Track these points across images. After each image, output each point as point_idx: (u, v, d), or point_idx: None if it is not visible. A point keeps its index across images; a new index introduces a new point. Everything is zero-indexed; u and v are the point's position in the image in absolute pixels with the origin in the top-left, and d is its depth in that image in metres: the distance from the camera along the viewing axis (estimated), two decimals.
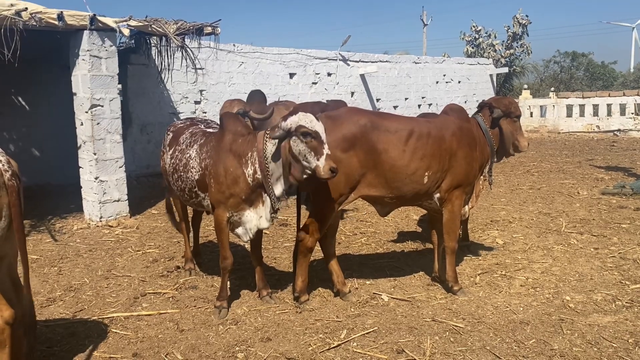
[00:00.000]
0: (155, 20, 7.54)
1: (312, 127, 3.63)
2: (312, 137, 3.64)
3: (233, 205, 4.00)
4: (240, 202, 4.00)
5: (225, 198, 3.99)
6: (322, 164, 3.61)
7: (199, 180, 4.19)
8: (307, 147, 3.65)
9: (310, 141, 3.64)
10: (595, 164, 11.88)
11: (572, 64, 31.92)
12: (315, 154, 3.64)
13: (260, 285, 4.49)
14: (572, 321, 3.93)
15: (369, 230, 6.70)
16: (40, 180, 9.58)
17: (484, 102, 4.79)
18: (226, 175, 3.95)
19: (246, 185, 3.93)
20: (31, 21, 6.26)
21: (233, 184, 3.94)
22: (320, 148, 3.64)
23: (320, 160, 3.62)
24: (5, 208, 2.75)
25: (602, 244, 5.85)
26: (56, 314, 4.27)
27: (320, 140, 3.65)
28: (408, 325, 3.94)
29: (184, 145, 4.40)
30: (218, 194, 4.01)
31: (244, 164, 3.92)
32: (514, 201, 8.21)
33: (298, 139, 3.66)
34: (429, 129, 4.20)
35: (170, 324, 4.06)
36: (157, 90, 10.38)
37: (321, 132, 3.66)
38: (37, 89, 9.78)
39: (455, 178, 4.30)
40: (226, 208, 4.02)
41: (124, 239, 6.47)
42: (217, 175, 3.99)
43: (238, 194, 3.96)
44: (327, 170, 3.60)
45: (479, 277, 4.94)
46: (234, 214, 4.05)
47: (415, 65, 16.28)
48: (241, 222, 4.09)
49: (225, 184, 3.95)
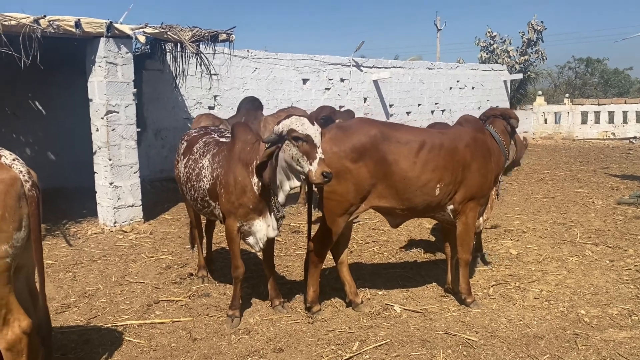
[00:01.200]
0: (170, 27, 7.61)
1: (303, 131, 3.57)
2: (304, 141, 3.58)
3: (242, 214, 4.02)
4: (249, 212, 4.00)
5: (234, 207, 4.00)
6: (314, 169, 3.54)
7: (210, 189, 4.21)
8: (299, 151, 3.60)
9: (302, 145, 3.58)
10: (611, 172, 11.75)
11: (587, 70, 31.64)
12: (308, 158, 3.57)
13: (272, 294, 4.49)
14: (587, 336, 3.89)
15: (381, 238, 6.69)
16: (55, 183, 9.66)
17: (489, 113, 4.77)
18: (235, 184, 3.97)
19: (253, 194, 3.93)
20: (49, 28, 6.34)
21: (241, 194, 3.95)
22: (313, 152, 3.57)
23: (313, 164, 3.55)
24: (25, 218, 2.78)
25: (617, 256, 5.79)
26: (70, 321, 4.31)
27: (313, 144, 3.58)
28: (421, 338, 3.92)
29: (197, 154, 4.43)
30: (228, 204, 4.03)
31: (251, 172, 3.92)
32: (527, 210, 8.15)
33: (290, 143, 3.62)
34: (442, 141, 4.19)
35: (183, 333, 4.07)
36: (172, 95, 10.46)
37: (314, 136, 3.59)
38: (53, 94, 9.88)
39: (469, 190, 4.28)
40: (236, 217, 4.03)
41: (138, 245, 6.51)
42: (227, 184, 4.01)
43: (246, 203, 3.97)
44: (318, 174, 3.52)
45: (493, 289, 4.91)
46: (244, 223, 4.06)
47: (429, 71, 16.24)
48: (251, 232, 4.10)
49: (235, 193, 3.97)
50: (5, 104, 9.73)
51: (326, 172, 3.52)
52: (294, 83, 12.67)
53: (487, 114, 4.78)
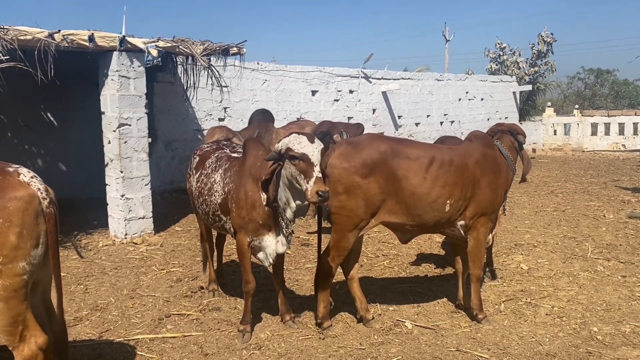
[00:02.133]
0: (182, 41, 7.68)
1: (299, 150, 3.58)
2: (300, 159, 3.58)
3: (252, 230, 4.04)
4: (258, 227, 4.02)
5: (245, 222, 4.03)
6: (310, 187, 3.52)
7: (221, 204, 4.25)
8: (296, 169, 3.60)
9: (298, 163, 3.59)
10: (622, 185, 11.69)
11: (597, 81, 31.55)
12: (305, 176, 3.57)
13: (282, 309, 4.49)
14: (600, 354, 3.87)
15: (392, 252, 6.68)
16: (66, 194, 9.68)
17: (497, 128, 4.80)
18: (246, 199, 4.00)
19: (263, 210, 3.95)
20: (63, 43, 6.43)
21: (252, 209, 3.98)
22: (310, 170, 3.55)
23: (309, 183, 3.53)
24: (43, 235, 2.82)
25: (629, 272, 5.75)
26: (83, 334, 4.34)
27: (310, 163, 3.56)
28: (432, 355, 3.92)
29: (209, 169, 4.47)
30: (238, 219, 4.06)
31: (260, 188, 3.94)
32: (538, 224, 8.12)
33: (289, 161, 3.64)
34: (452, 157, 4.20)
35: (194, 347, 4.09)
36: (182, 107, 10.54)
37: (311, 154, 3.57)
38: (65, 106, 9.98)
39: (479, 206, 4.28)
40: (247, 232, 4.06)
41: (149, 257, 6.55)
42: (238, 199, 4.04)
43: (256, 218, 3.99)
44: (313, 193, 3.50)
45: (504, 305, 4.89)
46: (254, 238, 4.08)
47: (438, 82, 16.27)
48: (261, 247, 4.11)
49: (245, 208, 4.00)
50: (18, 116, 9.85)
51: (321, 192, 3.48)
52: (303, 95, 12.73)
53: (494, 130, 4.80)
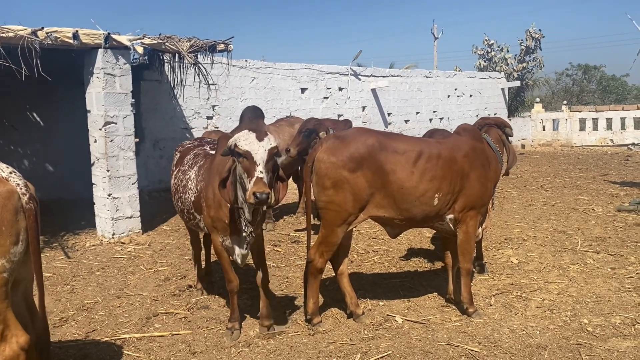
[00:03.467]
0: (168, 38, 7.61)
1: (243, 147, 3.46)
2: (244, 157, 3.47)
3: (221, 229, 3.95)
4: (226, 227, 3.92)
5: (213, 222, 3.96)
6: (249, 187, 3.40)
7: (195, 202, 4.19)
8: (241, 167, 3.51)
9: (242, 161, 3.49)
10: (610, 179, 11.74)
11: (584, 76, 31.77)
12: (248, 175, 3.46)
13: (263, 312, 4.24)
14: (591, 346, 3.85)
15: (382, 248, 6.65)
16: (53, 195, 9.63)
17: (484, 122, 4.79)
18: (214, 198, 3.92)
19: (228, 209, 3.86)
20: (47, 40, 6.34)
21: (218, 208, 3.90)
22: (252, 170, 3.43)
23: (250, 183, 3.42)
24: (23, 232, 2.75)
25: (619, 264, 5.76)
26: (69, 335, 4.27)
27: (252, 161, 3.44)
28: (423, 349, 3.88)
29: (186, 166, 4.41)
30: (208, 218, 4.00)
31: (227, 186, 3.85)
32: (527, 218, 8.12)
33: (237, 159, 3.54)
34: (440, 150, 4.16)
35: (182, 346, 4.03)
36: (170, 105, 10.45)
37: (254, 152, 3.45)
38: (51, 106, 9.87)
39: (469, 199, 4.25)
40: (217, 232, 3.98)
41: (136, 257, 6.47)
42: (207, 198, 3.98)
43: (222, 218, 3.89)
44: (250, 194, 3.37)
45: (494, 298, 4.87)
46: (224, 238, 3.99)
47: (427, 79, 16.28)
48: (231, 247, 4.00)
49: (213, 207, 3.92)
50: (3, 116, 9.71)
51: (258, 193, 3.34)
52: (292, 92, 12.68)
53: (481, 123, 4.79)
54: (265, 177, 3.47)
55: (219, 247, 4.06)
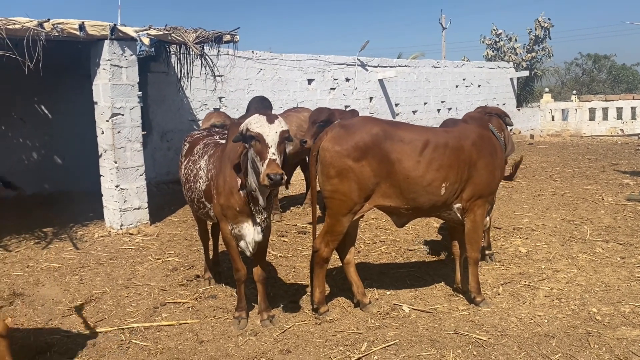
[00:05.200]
0: (174, 29, 7.59)
1: (255, 129, 3.47)
2: (256, 140, 3.48)
3: (231, 217, 3.94)
4: (236, 214, 3.91)
5: (224, 209, 3.95)
6: (263, 170, 3.41)
7: (205, 190, 4.18)
8: (254, 150, 3.51)
9: (255, 144, 3.50)
10: (620, 168, 11.64)
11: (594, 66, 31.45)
12: (260, 158, 3.46)
13: (262, 306, 4.22)
14: (600, 334, 3.83)
15: (389, 238, 6.63)
16: (62, 187, 9.69)
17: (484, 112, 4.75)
18: (224, 185, 3.91)
19: (239, 196, 3.85)
20: (53, 32, 6.33)
21: (229, 195, 3.89)
22: (264, 152, 3.44)
23: (264, 165, 3.43)
24: None
25: (628, 253, 5.71)
26: (77, 324, 4.29)
27: (265, 144, 3.45)
28: (430, 338, 3.87)
29: (197, 155, 4.40)
30: (218, 206, 3.99)
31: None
32: (536, 208, 8.07)
33: (248, 142, 3.54)
34: (447, 139, 4.13)
35: (189, 335, 4.04)
36: (177, 97, 10.45)
37: (266, 135, 3.46)
38: (59, 98, 9.88)
39: (476, 188, 4.22)
40: (227, 220, 3.98)
41: (144, 247, 6.49)
42: (218, 186, 3.97)
43: (233, 205, 3.89)
44: (264, 176, 3.39)
45: (502, 288, 4.85)
46: (234, 226, 3.98)
47: (435, 69, 16.17)
48: (241, 235, 4.00)
49: (224, 194, 3.91)
50: (12, 109, 9.75)
51: (272, 175, 3.36)
52: (299, 83, 12.64)
53: (482, 112, 4.75)
54: (278, 159, 3.50)
55: (228, 236, 4.06)
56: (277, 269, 5.62)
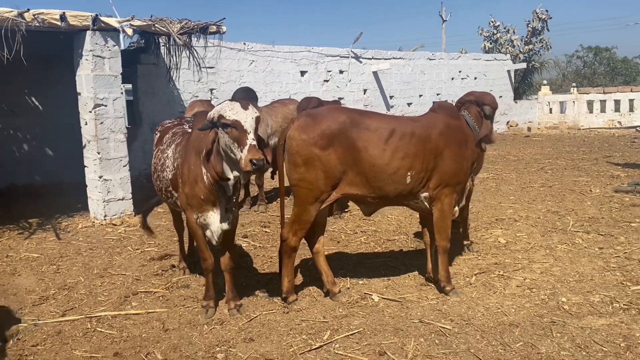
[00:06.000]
0: (160, 20, 7.58)
1: (231, 117, 3.47)
2: (233, 127, 3.47)
3: (196, 206, 3.94)
4: (201, 203, 3.91)
5: (189, 198, 3.95)
6: (243, 156, 3.41)
7: (172, 179, 4.18)
8: (229, 137, 3.50)
9: (231, 131, 3.48)
10: (613, 160, 11.58)
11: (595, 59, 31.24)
12: (239, 145, 3.46)
13: (229, 295, 4.21)
14: (564, 324, 3.81)
15: (370, 229, 6.63)
16: (53, 179, 9.71)
17: (464, 98, 4.68)
18: (189, 174, 3.90)
19: (204, 185, 3.84)
20: (34, 22, 6.34)
21: (194, 184, 3.88)
22: (243, 138, 3.44)
23: (243, 151, 3.42)
24: None
25: (607, 244, 5.68)
26: (47, 313, 4.31)
27: (243, 130, 3.45)
28: (394, 326, 3.87)
29: (165, 145, 4.40)
30: (183, 195, 3.98)
31: (202, 162, 3.84)
32: (522, 199, 8.04)
33: (222, 130, 3.53)
34: (413, 128, 4.11)
35: (156, 323, 4.05)
36: (167, 89, 10.45)
37: (243, 121, 3.46)
38: (50, 89, 9.89)
39: (443, 177, 4.20)
40: (192, 209, 3.97)
41: (126, 238, 6.51)
42: (183, 174, 3.96)
43: (198, 194, 3.88)
44: (247, 162, 3.39)
45: (475, 277, 4.83)
46: (199, 215, 3.97)
47: (430, 61, 16.11)
48: (207, 224, 3.99)
49: (188, 183, 3.91)
50: (1, 100, 9.78)
51: (255, 160, 3.37)
52: (291, 75, 12.62)
53: (463, 100, 4.69)
54: (256, 144, 3.50)
55: (194, 225, 4.05)
56: (254, 259, 5.63)
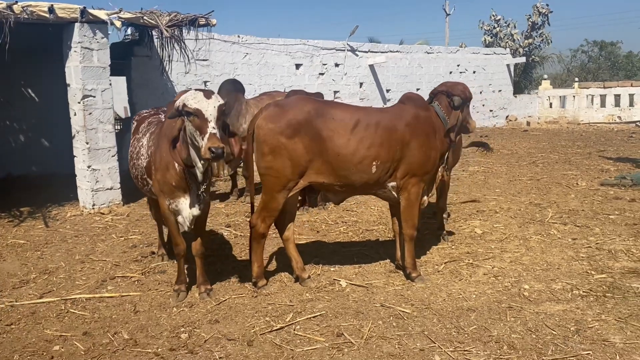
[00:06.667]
0: (148, 13, 7.70)
1: (193, 105, 3.58)
2: (194, 115, 3.59)
3: (168, 192, 4.06)
4: (173, 189, 4.03)
5: (161, 185, 4.07)
6: (204, 144, 3.52)
7: (146, 167, 4.30)
8: (192, 126, 3.62)
9: (193, 119, 3.60)
10: (606, 155, 11.61)
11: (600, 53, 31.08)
12: (200, 133, 3.57)
13: (200, 280, 4.35)
14: (521, 309, 3.91)
15: (352, 219, 6.74)
16: (49, 169, 9.89)
17: (437, 89, 4.75)
18: (161, 161, 4.02)
19: (175, 172, 3.96)
20: (23, 14, 6.48)
21: (165, 170, 4.00)
22: (204, 127, 3.55)
23: (204, 139, 3.54)
24: None
25: (582, 235, 5.76)
26: (25, 295, 4.46)
27: (204, 119, 3.56)
28: (356, 310, 3.98)
29: (141, 134, 4.52)
30: (155, 182, 4.10)
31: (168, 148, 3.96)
32: (508, 192, 8.11)
33: (187, 118, 3.65)
34: (379, 119, 4.20)
35: (128, 306, 4.19)
36: (161, 81, 10.58)
37: (205, 110, 3.57)
38: (47, 81, 10.05)
39: (410, 167, 4.29)
40: (164, 195, 4.09)
41: (112, 226, 6.66)
42: (155, 161, 4.09)
43: (169, 180, 4.00)
44: (206, 150, 3.50)
45: (444, 265, 4.93)
46: (171, 201, 4.09)
47: (428, 55, 16.15)
48: (178, 210, 4.11)
49: (160, 170, 4.03)
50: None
51: (213, 148, 3.48)
52: (286, 68, 12.72)
53: (435, 91, 4.77)
54: (218, 133, 3.61)
55: (166, 211, 4.18)
56: (234, 247, 5.75)
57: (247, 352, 3.41)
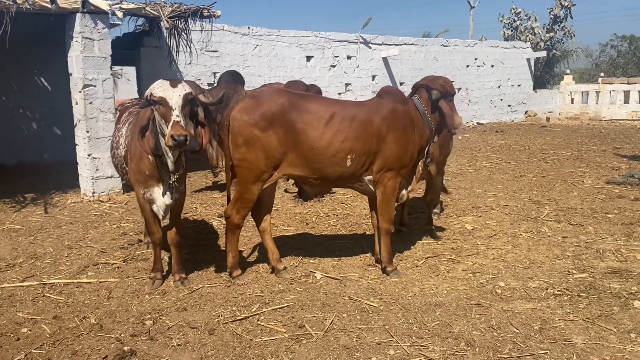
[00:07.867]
0: (151, 4, 7.78)
1: (158, 94, 3.64)
2: (159, 104, 3.64)
3: (142, 181, 4.11)
4: (146, 179, 4.08)
5: (135, 174, 4.12)
6: (167, 132, 3.59)
7: (124, 156, 4.37)
8: (158, 114, 3.67)
9: (159, 108, 3.66)
10: (621, 152, 11.33)
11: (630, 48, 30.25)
12: (165, 121, 3.63)
13: (175, 268, 4.41)
14: (489, 306, 3.86)
15: (343, 212, 6.72)
16: (61, 157, 10.09)
17: (418, 83, 4.70)
18: (135, 150, 4.08)
19: (148, 161, 4.02)
20: (25, 4, 6.61)
21: (139, 160, 4.06)
22: (168, 115, 3.61)
23: (168, 127, 3.60)
24: None
25: (573, 233, 5.65)
26: (8, 278, 4.58)
27: (168, 107, 3.62)
28: (324, 302, 3.99)
29: (121, 124, 4.59)
30: (130, 171, 4.16)
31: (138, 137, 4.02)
32: (509, 188, 7.99)
33: (154, 107, 3.70)
34: (354, 113, 4.18)
35: (103, 292, 4.27)
36: (170, 72, 10.66)
37: (169, 98, 3.62)
38: (58, 70, 10.21)
39: (386, 161, 4.26)
40: (139, 184, 4.15)
41: (108, 214, 6.78)
42: (130, 150, 4.14)
43: (143, 169, 4.05)
44: (168, 137, 3.56)
45: (425, 261, 4.89)
46: (145, 190, 4.15)
47: (444, 48, 15.95)
48: (153, 200, 4.16)
49: (135, 159, 4.09)
50: (11, 80, 10.20)
51: (176, 135, 3.53)
52: (297, 60, 12.71)
53: (417, 84, 4.72)
54: (182, 121, 3.67)
55: (141, 200, 4.24)
56: (221, 237, 5.79)
57: (205, 340, 3.45)
